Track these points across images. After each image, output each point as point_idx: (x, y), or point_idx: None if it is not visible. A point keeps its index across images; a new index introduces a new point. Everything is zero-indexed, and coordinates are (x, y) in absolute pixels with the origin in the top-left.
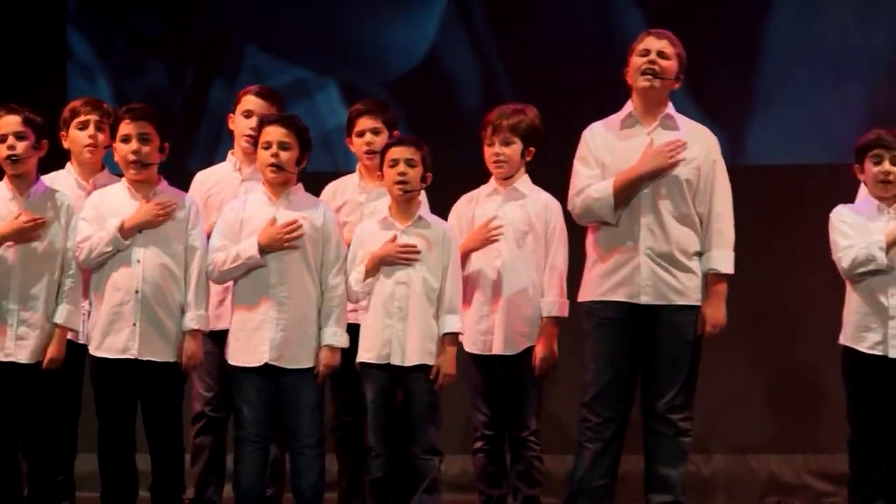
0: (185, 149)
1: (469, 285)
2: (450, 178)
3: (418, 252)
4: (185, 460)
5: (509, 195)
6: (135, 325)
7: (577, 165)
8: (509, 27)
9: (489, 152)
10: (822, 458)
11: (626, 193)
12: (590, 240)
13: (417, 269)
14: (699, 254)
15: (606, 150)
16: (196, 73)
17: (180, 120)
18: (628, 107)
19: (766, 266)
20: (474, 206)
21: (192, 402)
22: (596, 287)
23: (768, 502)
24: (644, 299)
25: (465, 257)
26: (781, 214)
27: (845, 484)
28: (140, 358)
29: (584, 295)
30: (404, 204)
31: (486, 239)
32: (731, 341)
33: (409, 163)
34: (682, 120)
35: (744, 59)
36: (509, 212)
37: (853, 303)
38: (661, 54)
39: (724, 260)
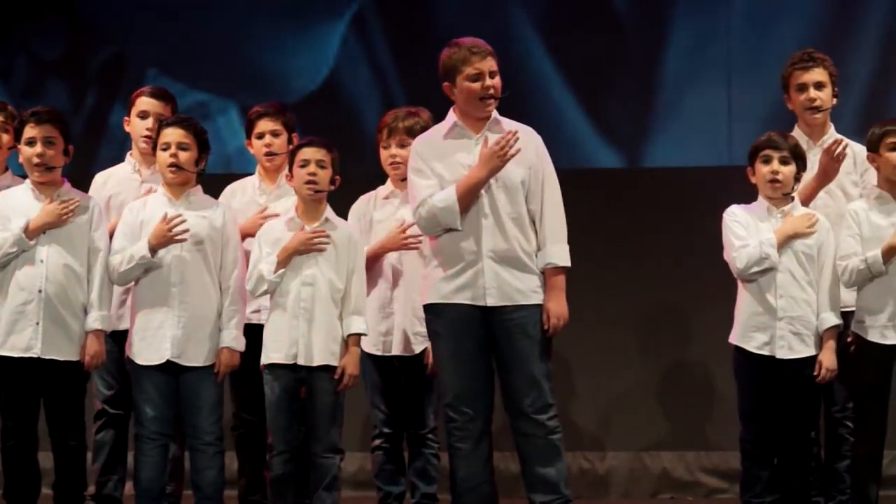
0: (85, 171)
1: (368, 287)
2: (351, 198)
3: (328, 236)
4: (87, 457)
5: (406, 198)
6: (38, 324)
7: (414, 178)
8: (407, 48)
9: (385, 154)
10: (714, 456)
11: (469, 199)
12: (430, 242)
13: (323, 271)
14: (536, 253)
15: (439, 162)
16: (97, 95)
17: (81, 142)
18: (451, 118)
19: (658, 266)
20: (371, 209)
21: (93, 400)
22: (440, 289)
23: (662, 499)
24: (489, 301)
25: (375, 259)
26: (672, 215)
27: (737, 481)
28: (43, 357)
29: (429, 297)
30: (312, 205)
31: (403, 244)
32: (624, 340)
33: (320, 164)
34: (507, 123)
35: (643, 64)
36: (407, 215)
37: (743, 303)
38: (491, 74)
39: (561, 253)
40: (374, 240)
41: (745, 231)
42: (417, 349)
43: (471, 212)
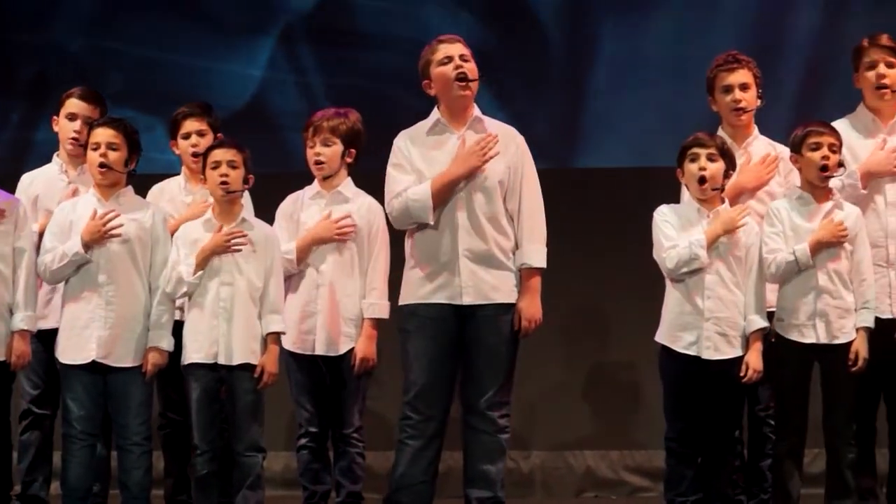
0: (10, 190)
1: (293, 286)
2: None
3: (244, 236)
4: (13, 458)
5: (333, 198)
6: None
7: (392, 171)
8: (335, 62)
9: (310, 153)
10: (637, 454)
11: (443, 195)
12: (409, 243)
13: (242, 270)
14: (514, 252)
15: (420, 157)
16: (21, 114)
17: (6, 162)
18: (435, 114)
19: (583, 266)
20: (298, 208)
21: (18, 399)
22: (417, 289)
23: (586, 497)
24: (466, 300)
25: (307, 251)
26: (598, 214)
27: (661, 479)
28: None
29: (405, 297)
30: (227, 205)
31: (337, 235)
32: (549, 339)
33: (231, 164)
34: (490, 122)
35: (578, 65)
36: (333, 215)
37: (671, 302)
38: (462, 57)
39: (536, 255)
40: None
41: (677, 231)
42: (342, 349)
43: (447, 211)
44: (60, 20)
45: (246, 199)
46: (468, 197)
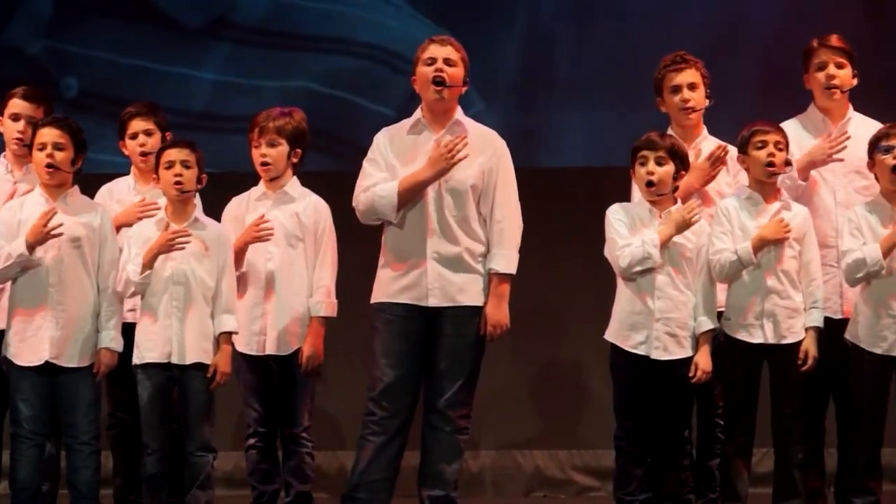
0: None
1: (242, 287)
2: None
3: (188, 235)
4: None
5: (279, 199)
6: None
7: (367, 166)
8: (287, 64)
9: (256, 154)
10: (586, 454)
11: (410, 195)
12: (382, 241)
13: (194, 270)
14: (485, 255)
15: (397, 156)
16: None
17: None
18: (417, 114)
19: (532, 265)
20: (244, 210)
21: None
22: (386, 288)
23: (535, 497)
24: (432, 301)
25: (238, 256)
26: (548, 214)
27: (609, 478)
28: None
29: (376, 295)
30: (180, 205)
31: (256, 237)
32: (498, 340)
33: (185, 164)
34: (470, 125)
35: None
36: (280, 216)
37: (622, 302)
38: (447, 62)
39: (504, 260)
40: None
41: (629, 230)
42: (292, 348)
43: (417, 212)
44: (18, 23)
45: (196, 199)
46: (439, 199)
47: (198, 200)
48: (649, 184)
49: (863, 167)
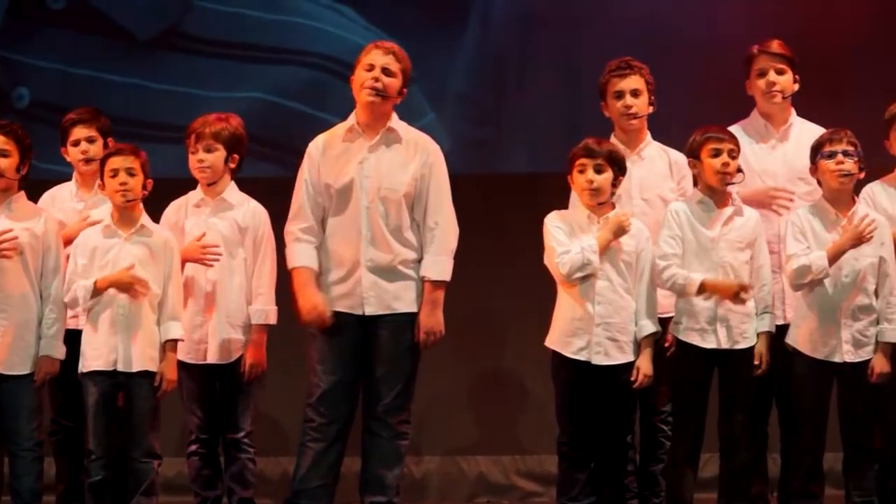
0: None
1: (183, 295)
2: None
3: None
4: None
5: (218, 205)
6: None
7: (299, 183)
8: (235, 75)
9: (193, 160)
10: (529, 459)
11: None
12: (320, 250)
13: (141, 277)
14: (419, 262)
15: (328, 166)
16: None
17: None
18: (351, 119)
19: (474, 271)
20: (183, 216)
21: None
22: (323, 293)
23: (478, 502)
24: (367, 310)
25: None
26: (490, 220)
27: (553, 484)
28: None
29: None
30: (126, 212)
31: (200, 259)
32: (441, 345)
33: (129, 172)
34: (404, 131)
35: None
36: (218, 222)
37: (562, 308)
38: (385, 71)
39: (438, 266)
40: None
41: (568, 237)
42: (234, 356)
43: (351, 222)
44: None
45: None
46: (372, 207)
47: (140, 207)
48: (590, 191)
49: (805, 173)
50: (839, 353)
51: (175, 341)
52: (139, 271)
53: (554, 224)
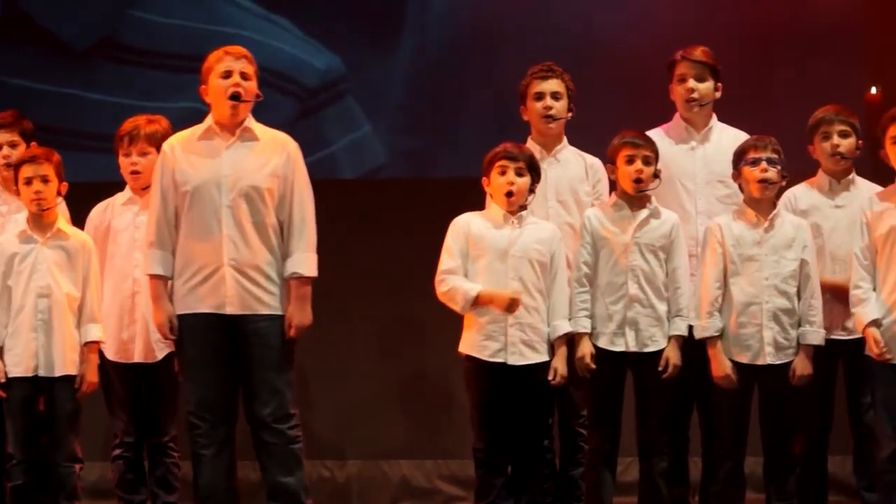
0: None
1: (109, 295)
2: None
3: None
4: None
5: (146, 205)
6: None
7: (154, 186)
8: (165, 85)
9: (125, 162)
10: (452, 463)
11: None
12: (177, 252)
13: (58, 281)
14: (282, 260)
15: (188, 163)
16: None
17: None
18: (208, 120)
19: (397, 275)
20: (110, 216)
21: None
22: (184, 298)
23: None
24: (229, 310)
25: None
26: (411, 225)
27: (474, 488)
28: None
29: (175, 308)
30: (42, 218)
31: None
32: (364, 348)
33: (43, 179)
34: (260, 130)
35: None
36: (146, 221)
37: (475, 312)
38: (243, 75)
39: (307, 263)
40: (114, 247)
41: (459, 257)
42: (159, 356)
43: (213, 220)
44: None
45: (62, 207)
46: (234, 206)
47: (64, 207)
48: (509, 194)
49: (725, 176)
50: (761, 356)
51: (95, 343)
52: (56, 275)
53: (454, 234)
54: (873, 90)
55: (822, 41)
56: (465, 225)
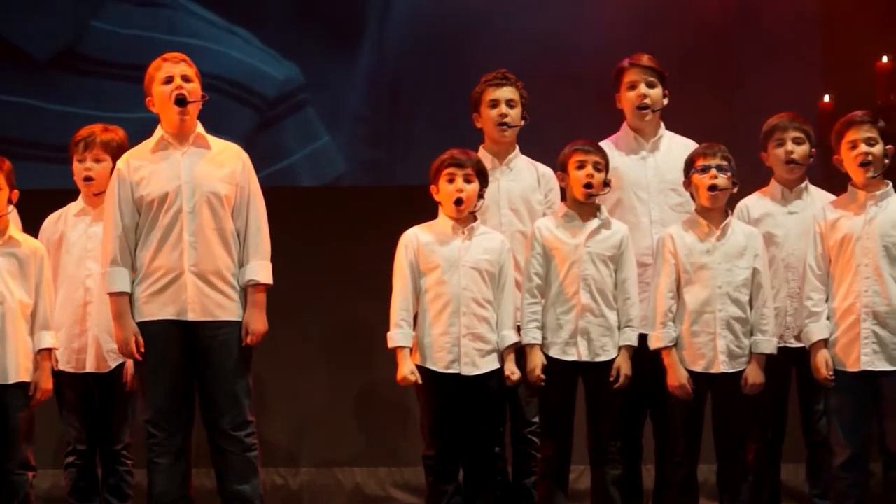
0: None
1: (61, 306)
2: None
3: None
4: None
5: (99, 215)
6: None
7: (111, 202)
8: (124, 96)
9: (79, 168)
10: (406, 471)
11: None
12: (137, 258)
13: (10, 288)
14: (239, 268)
15: (144, 177)
16: None
17: None
18: (158, 132)
19: (352, 283)
20: (63, 226)
21: None
22: (144, 306)
23: None
24: (191, 316)
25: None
26: (367, 232)
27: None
28: None
29: (135, 316)
30: None
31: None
32: (319, 356)
33: None
34: (212, 140)
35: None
36: (99, 231)
37: (427, 324)
38: (185, 78)
39: (263, 271)
40: (67, 257)
41: (408, 280)
42: (112, 365)
43: (173, 230)
44: None
45: (14, 215)
46: (197, 211)
47: (15, 215)
48: (458, 201)
49: (677, 185)
50: (715, 364)
51: (49, 350)
52: (8, 282)
53: (405, 251)
54: (826, 98)
55: (776, 50)
56: (413, 239)
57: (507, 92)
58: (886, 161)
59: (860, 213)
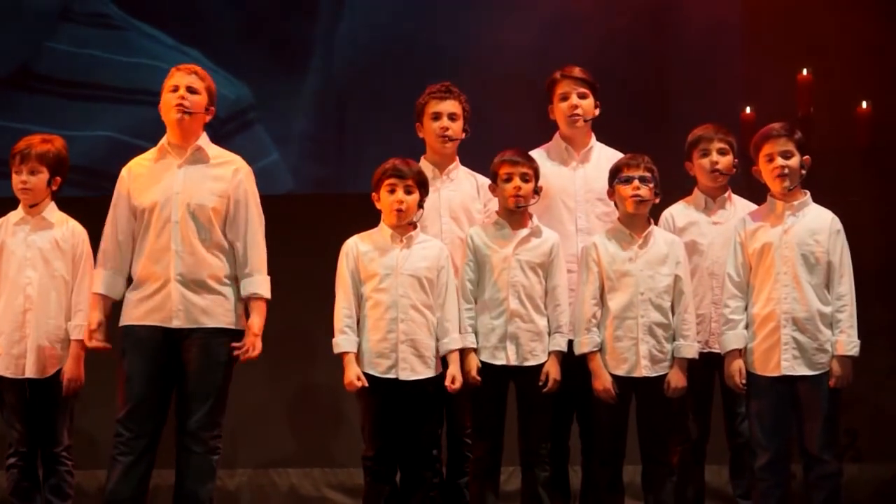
0: None
1: (1, 312)
2: None
3: None
4: None
5: (38, 224)
6: None
7: (111, 208)
8: (88, 115)
9: (17, 180)
10: (340, 472)
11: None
12: (132, 264)
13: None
14: (230, 278)
15: (139, 190)
16: None
17: None
18: (163, 140)
19: (289, 286)
20: (3, 234)
21: None
22: (132, 310)
23: None
24: (176, 323)
25: None
26: (309, 239)
27: (361, 496)
28: None
29: (123, 318)
30: None
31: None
32: (254, 360)
33: None
34: (213, 150)
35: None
36: (38, 240)
37: (367, 329)
38: (190, 89)
39: (265, 284)
40: (7, 265)
41: (350, 294)
42: (51, 371)
43: (163, 236)
44: None
45: None
46: (182, 223)
47: None
48: (399, 212)
49: (604, 194)
50: (637, 369)
51: None
52: None
53: (345, 260)
54: (748, 110)
55: (698, 62)
56: (353, 248)
57: (449, 105)
58: (803, 172)
59: (778, 222)
